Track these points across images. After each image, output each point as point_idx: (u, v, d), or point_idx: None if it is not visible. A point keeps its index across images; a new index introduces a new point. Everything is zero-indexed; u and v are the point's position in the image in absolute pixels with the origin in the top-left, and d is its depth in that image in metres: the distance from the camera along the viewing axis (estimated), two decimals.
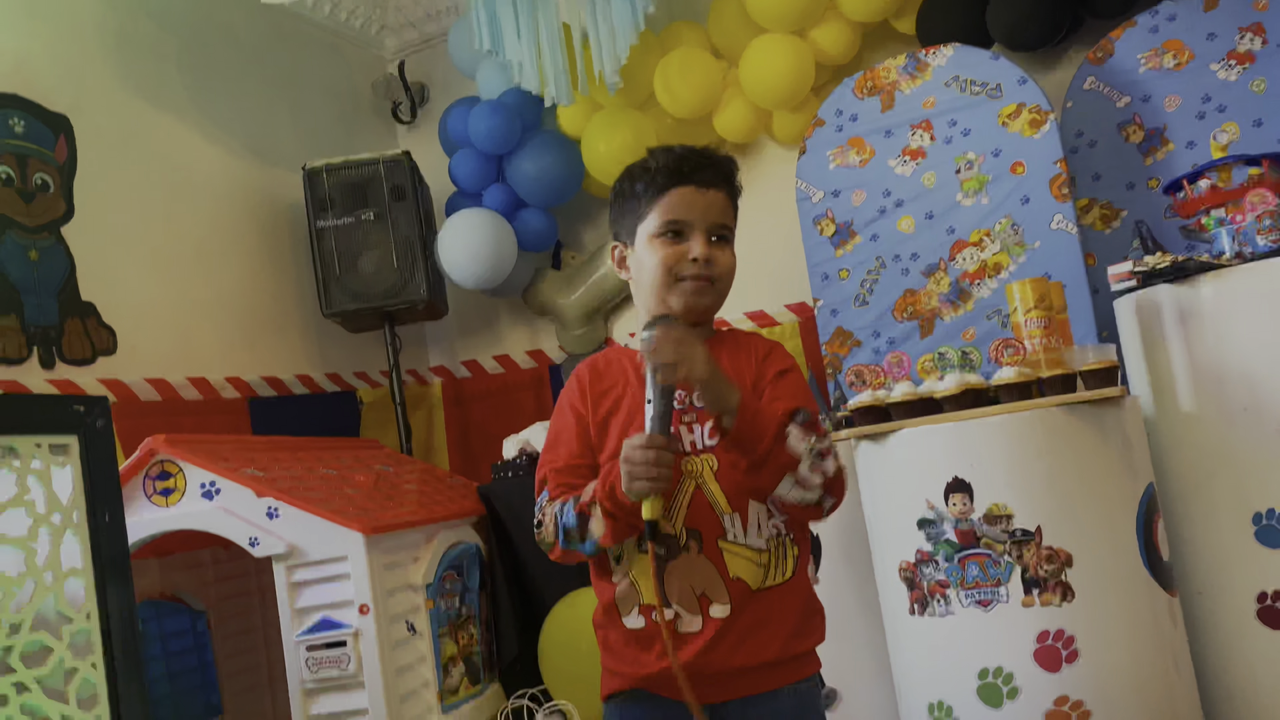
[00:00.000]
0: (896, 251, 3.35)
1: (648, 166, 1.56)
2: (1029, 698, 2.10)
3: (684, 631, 1.46)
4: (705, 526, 1.47)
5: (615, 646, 1.53)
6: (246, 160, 3.81)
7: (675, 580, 1.46)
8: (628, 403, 1.54)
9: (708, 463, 1.48)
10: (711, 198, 1.54)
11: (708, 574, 1.46)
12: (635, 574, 1.49)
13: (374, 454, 3.36)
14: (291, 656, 2.47)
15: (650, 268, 1.53)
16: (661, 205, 1.53)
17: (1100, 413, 2.16)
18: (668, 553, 1.47)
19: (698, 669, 1.44)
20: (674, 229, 1.52)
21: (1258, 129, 3.08)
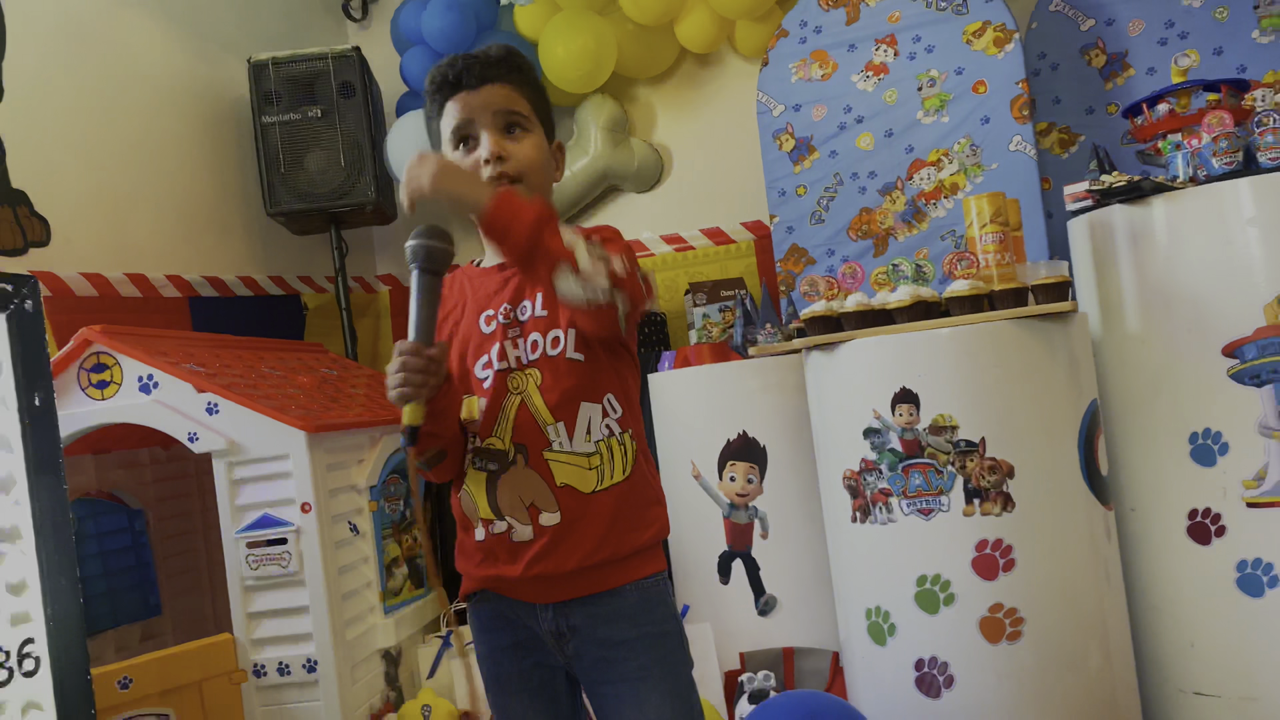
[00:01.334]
0: (855, 169, 3.32)
1: (429, 82, 1.53)
2: (965, 604, 2.14)
3: (517, 541, 1.46)
4: (530, 439, 1.46)
5: (463, 553, 1.55)
6: (190, 50, 3.65)
7: (505, 493, 1.46)
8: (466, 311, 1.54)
9: (532, 377, 1.47)
10: (487, 93, 1.49)
11: (535, 484, 1.45)
12: (470, 488, 1.50)
13: (318, 358, 3.30)
14: (231, 553, 2.43)
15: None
16: (447, 116, 1.50)
17: (1049, 328, 2.17)
18: (498, 467, 1.47)
19: (536, 574, 1.46)
20: (462, 136, 1.49)
21: (1218, 57, 3.08)
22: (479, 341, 1.50)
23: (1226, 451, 2.29)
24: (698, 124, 4.00)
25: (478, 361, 1.50)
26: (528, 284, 1.50)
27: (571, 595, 1.48)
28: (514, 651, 1.53)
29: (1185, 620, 2.37)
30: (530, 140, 1.52)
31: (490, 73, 1.50)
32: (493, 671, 1.55)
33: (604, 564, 1.47)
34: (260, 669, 2.41)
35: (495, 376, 1.48)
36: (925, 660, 2.17)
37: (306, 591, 2.41)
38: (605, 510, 1.46)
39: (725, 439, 2.73)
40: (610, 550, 1.47)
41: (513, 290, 1.50)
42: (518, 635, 1.53)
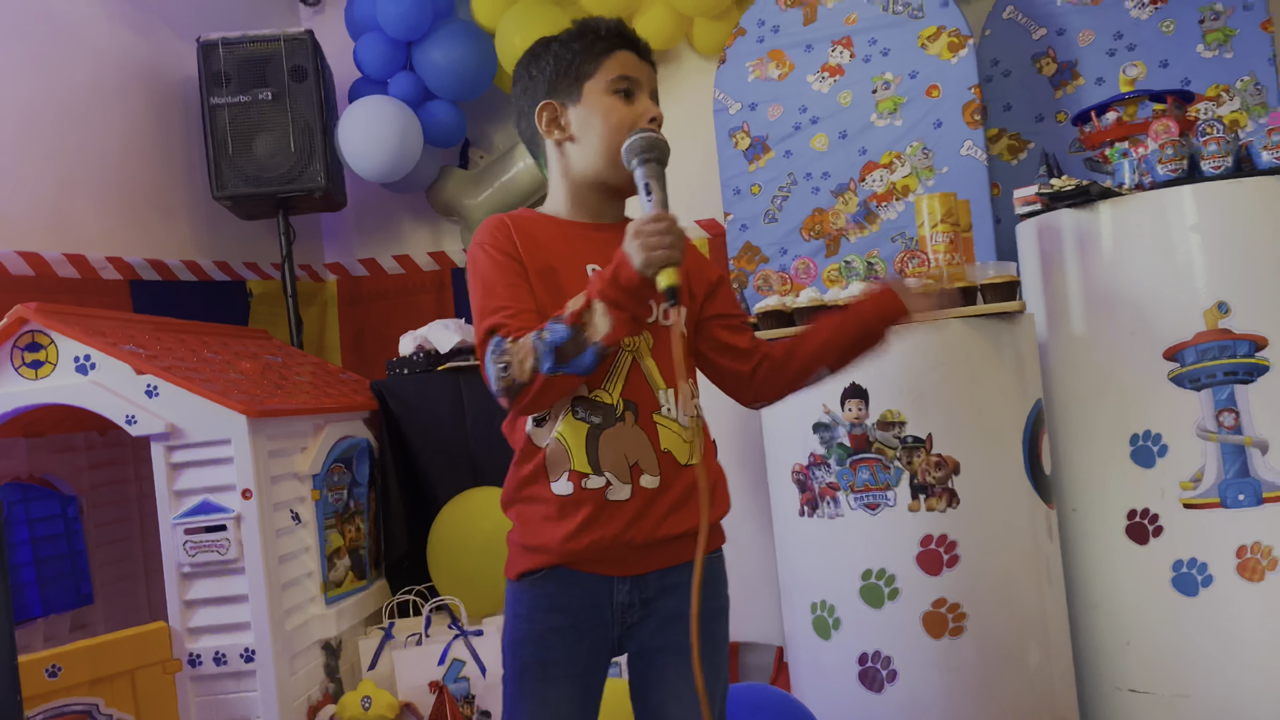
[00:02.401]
0: (808, 169, 3.34)
1: (591, 28, 1.56)
2: (909, 598, 2.16)
3: (612, 499, 1.45)
4: (641, 399, 1.47)
5: (534, 521, 1.49)
6: (136, 27, 3.57)
7: (608, 448, 1.45)
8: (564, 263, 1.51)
9: (644, 339, 1.49)
10: (649, 70, 1.57)
11: (641, 444, 1.46)
12: (566, 436, 1.46)
13: (263, 344, 3.24)
14: (168, 539, 2.37)
15: (605, 123, 1.50)
16: (611, 63, 1.52)
17: (997, 328, 2.20)
18: (602, 421, 1.46)
19: (625, 540, 1.45)
20: (625, 87, 1.52)
21: (1164, 69, 3.14)
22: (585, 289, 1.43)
23: (1165, 453, 2.34)
24: None
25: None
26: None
27: (652, 568, 1.49)
28: (569, 634, 1.50)
29: (1122, 618, 2.41)
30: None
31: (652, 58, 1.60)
32: (538, 656, 1.51)
33: (685, 535, 1.47)
34: (195, 658, 2.35)
35: None
36: (869, 654, 2.19)
37: (245, 579, 2.36)
38: (690, 482, 1.48)
39: None
40: (693, 522, 1.45)
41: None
42: (579, 616, 1.50)
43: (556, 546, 1.47)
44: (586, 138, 1.52)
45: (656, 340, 1.49)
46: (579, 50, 1.54)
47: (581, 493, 1.45)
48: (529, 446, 1.49)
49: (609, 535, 1.45)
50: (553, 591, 1.49)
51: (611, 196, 1.56)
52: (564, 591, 1.49)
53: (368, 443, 2.99)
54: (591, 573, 1.48)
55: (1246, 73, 3.06)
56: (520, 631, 1.52)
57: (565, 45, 1.56)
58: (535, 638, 1.50)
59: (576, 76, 1.53)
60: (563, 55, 1.55)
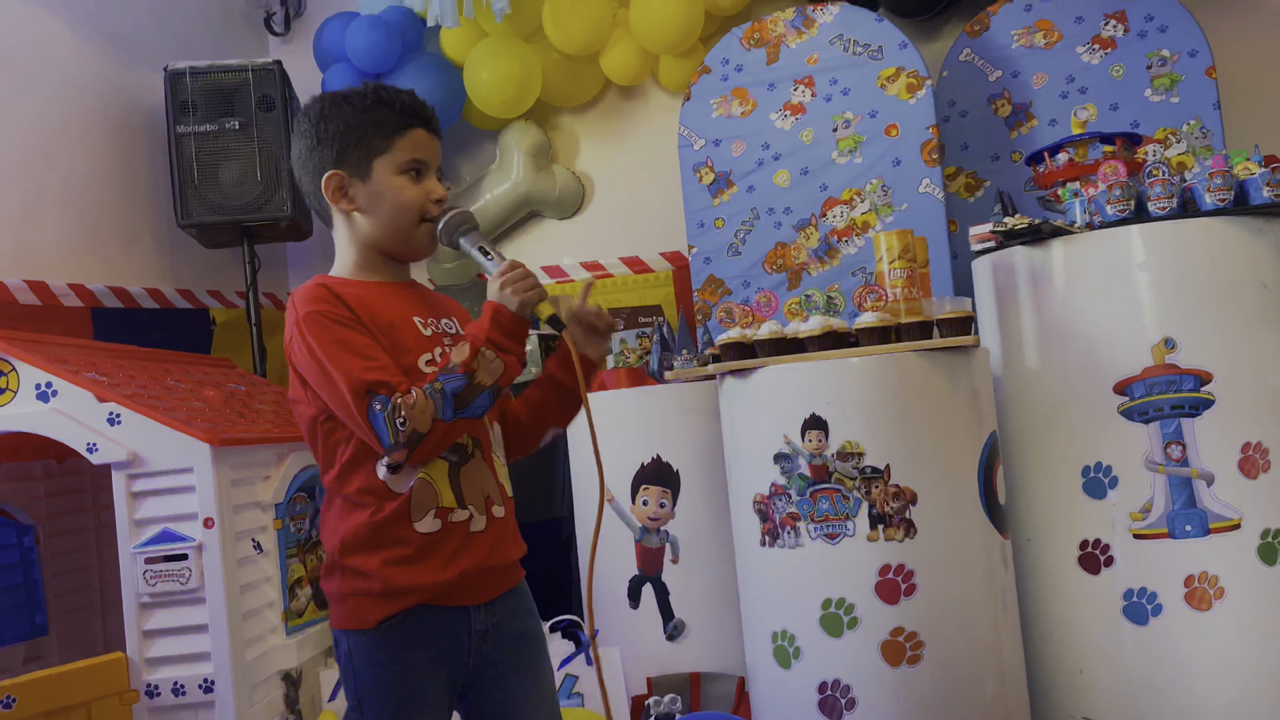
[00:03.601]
0: (771, 204, 3.40)
1: (385, 100, 1.57)
2: (868, 628, 2.19)
3: (473, 531, 1.54)
4: (481, 436, 1.59)
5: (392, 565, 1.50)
6: (103, 54, 3.57)
7: (467, 482, 1.55)
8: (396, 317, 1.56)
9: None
10: (437, 145, 1.62)
11: (488, 478, 1.58)
12: (431, 475, 1.52)
13: (226, 373, 3.23)
14: (128, 569, 2.35)
15: (395, 203, 1.56)
16: (405, 142, 1.56)
17: (952, 361, 2.25)
18: (458, 459, 1.54)
19: (486, 566, 1.55)
20: (415, 167, 1.58)
21: (1114, 112, 3.25)
22: (419, 340, 1.56)
23: (1116, 484, 2.40)
24: (620, 154, 4.05)
25: (421, 358, 1.54)
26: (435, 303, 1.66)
27: (499, 591, 1.59)
28: (434, 666, 1.54)
29: (1075, 647, 2.46)
30: None
31: (440, 131, 1.65)
32: (412, 692, 1.52)
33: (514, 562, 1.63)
34: (154, 689, 2.33)
35: None
36: (828, 683, 2.21)
37: (206, 609, 2.34)
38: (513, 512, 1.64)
39: (639, 463, 2.75)
40: (520, 546, 1.64)
41: (429, 305, 1.64)
42: (442, 648, 1.54)
43: (426, 583, 1.50)
44: (374, 213, 1.57)
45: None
46: (372, 123, 1.55)
47: (449, 527, 1.51)
48: (383, 492, 1.50)
49: (473, 565, 1.53)
50: (418, 629, 1.52)
51: (397, 261, 1.63)
52: (427, 627, 1.52)
53: None
54: (452, 606, 1.53)
55: (1193, 117, 3.17)
56: (385, 677, 1.52)
57: (359, 114, 1.56)
58: (406, 675, 1.52)
59: (367, 151, 1.56)
60: (355, 126, 1.55)
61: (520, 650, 1.61)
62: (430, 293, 1.70)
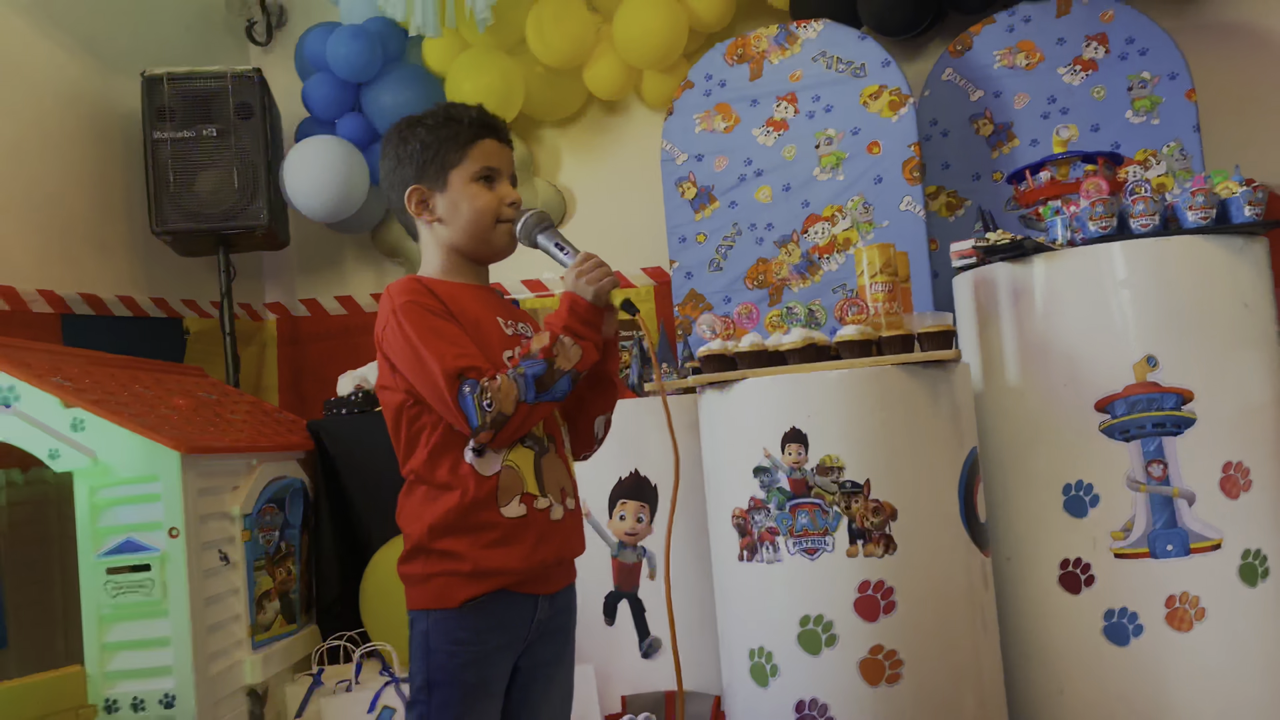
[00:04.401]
0: (753, 220, 3.39)
1: (455, 117, 1.68)
2: (846, 645, 2.15)
3: (554, 519, 1.61)
4: (555, 433, 1.67)
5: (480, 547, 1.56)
6: (78, 59, 3.53)
7: (549, 472, 1.62)
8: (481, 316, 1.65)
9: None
10: (509, 153, 1.71)
11: (563, 471, 1.66)
12: (517, 462, 1.59)
13: (197, 381, 3.17)
14: (89, 579, 2.29)
15: (471, 210, 1.65)
16: (475, 153, 1.66)
17: (933, 375, 2.23)
18: (539, 450, 1.62)
19: (561, 555, 1.64)
20: (488, 174, 1.67)
21: (1095, 133, 3.26)
22: (501, 337, 1.64)
23: (1097, 503, 2.38)
24: (602, 169, 4.03)
25: (504, 353, 1.62)
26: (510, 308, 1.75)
27: (563, 584, 1.67)
28: (503, 653, 1.60)
29: (1055, 667, 2.43)
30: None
31: (510, 139, 1.73)
32: (481, 675, 1.58)
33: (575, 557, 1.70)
34: (113, 704, 2.26)
35: None
36: (806, 702, 2.17)
37: (169, 622, 2.28)
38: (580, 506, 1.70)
39: (617, 477, 2.71)
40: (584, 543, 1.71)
41: (508, 309, 1.73)
42: (511, 635, 1.60)
43: (513, 567, 1.56)
44: (454, 221, 1.66)
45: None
46: (445, 138, 1.66)
47: (533, 513, 1.58)
48: (472, 477, 1.56)
49: (555, 552, 1.61)
50: (497, 612, 1.58)
51: (479, 264, 1.72)
52: (505, 611, 1.59)
53: (302, 483, 2.93)
54: (526, 593, 1.60)
55: (1173, 139, 3.18)
56: (463, 656, 1.56)
57: (432, 132, 1.67)
58: (480, 659, 1.57)
59: (442, 165, 1.66)
60: (430, 143, 1.66)
61: (557, 645, 1.68)
62: (506, 299, 1.82)
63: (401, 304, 1.58)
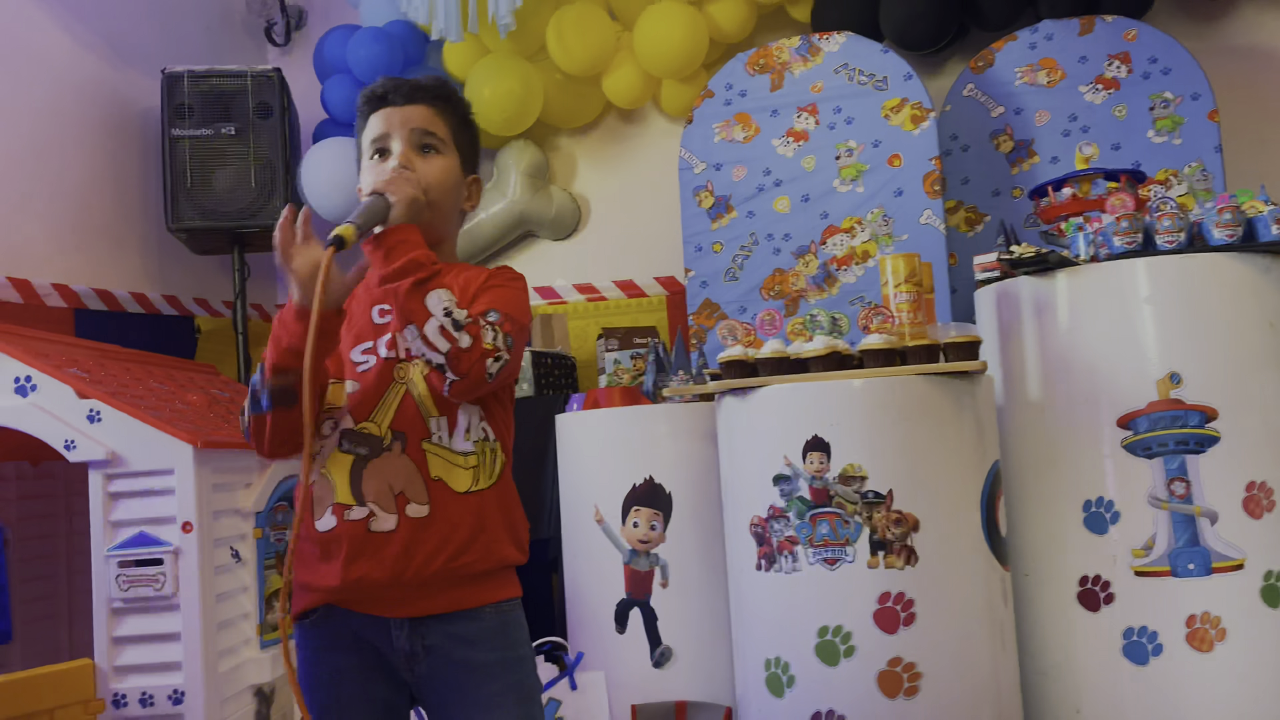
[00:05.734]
0: (770, 230, 3.38)
1: (359, 102, 1.60)
2: (864, 657, 2.13)
3: (375, 531, 1.42)
4: (411, 428, 1.46)
5: (308, 560, 1.46)
6: (100, 55, 3.53)
7: (372, 478, 1.44)
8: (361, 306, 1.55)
9: (418, 368, 1.48)
10: (409, 112, 1.55)
11: (408, 472, 1.44)
12: (330, 471, 1.46)
13: (210, 379, 3.16)
14: (100, 573, 2.27)
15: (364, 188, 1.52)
16: (368, 129, 1.56)
17: (958, 387, 2.22)
18: (369, 452, 1.45)
19: (396, 574, 1.41)
20: (379, 148, 1.55)
21: (1116, 152, 3.25)
22: (364, 329, 1.51)
23: (1118, 520, 2.36)
24: (618, 178, 4.03)
25: (357, 347, 1.50)
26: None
27: (430, 611, 1.44)
28: (360, 673, 1.47)
29: (1073, 686, 2.40)
30: (440, 162, 1.56)
31: (416, 94, 1.56)
32: (334, 695, 1.46)
33: (469, 577, 1.45)
34: (121, 699, 2.23)
35: (380, 364, 1.49)
36: (823, 713, 2.15)
37: (180, 617, 2.26)
38: (474, 512, 1.45)
39: (631, 484, 2.69)
40: (476, 557, 1.44)
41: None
42: (364, 656, 1.46)
43: (326, 584, 1.43)
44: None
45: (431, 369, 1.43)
46: (360, 125, 1.60)
47: (344, 524, 1.42)
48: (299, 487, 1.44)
49: (377, 570, 1.41)
50: (332, 629, 1.46)
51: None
52: (342, 628, 1.46)
53: None
54: (366, 613, 1.44)
55: (1194, 159, 3.17)
56: (314, 673, 1.47)
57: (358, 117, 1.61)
58: (326, 679, 1.47)
59: (359, 155, 1.60)
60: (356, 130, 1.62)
61: (467, 687, 1.45)
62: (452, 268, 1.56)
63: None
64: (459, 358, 1.37)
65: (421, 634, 1.44)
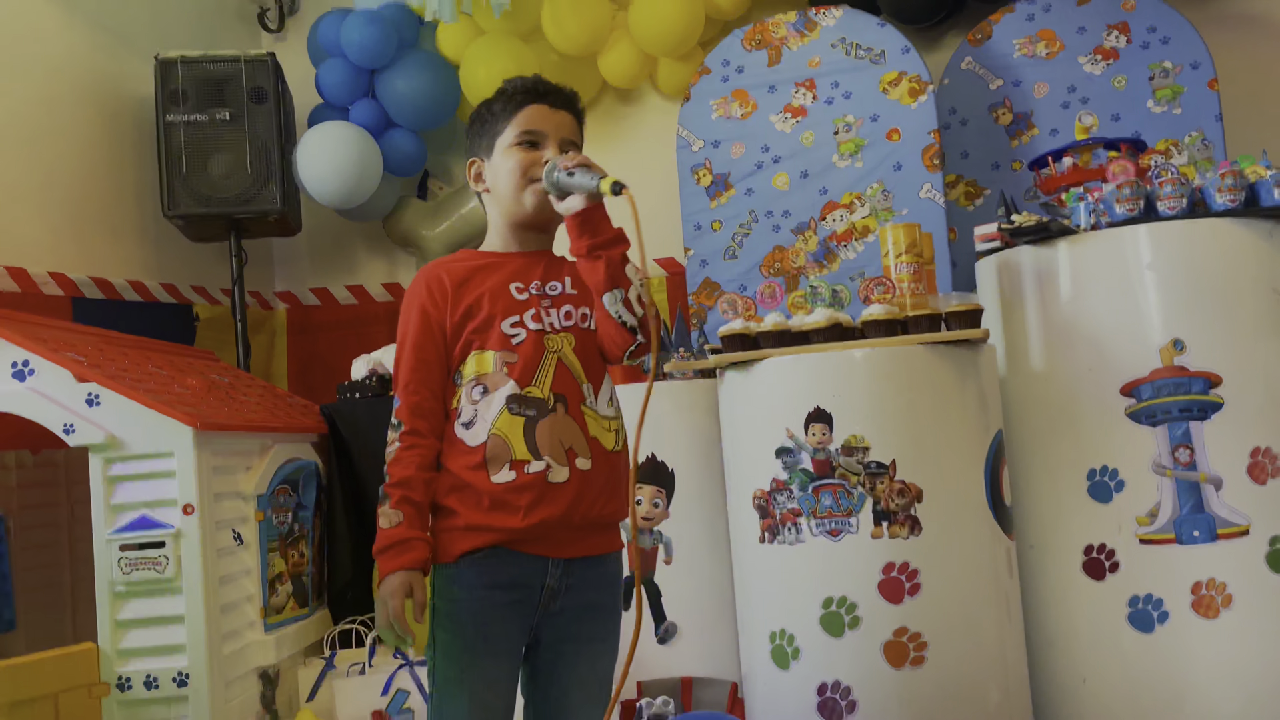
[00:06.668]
0: (769, 208, 3.36)
1: (504, 90, 1.73)
2: (870, 627, 2.12)
3: (552, 481, 1.58)
4: (569, 391, 1.63)
5: (477, 507, 1.59)
6: (93, 41, 3.51)
7: (545, 435, 1.59)
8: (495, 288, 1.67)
9: (566, 340, 1.65)
10: (562, 117, 1.72)
11: (573, 431, 1.61)
12: (504, 431, 1.59)
13: (209, 364, 3.15)
14: (102, 556, 2.27)
15: (506, 171, 1.68)
16: (518, 119, 1.69)
17: (960, 356, 2.21)
18: (536, 413, 1.60)
19: (566, 519, 1.59)
20: (529, 139, 1.68)
21: (1115, 122, 3.23)
22: (509, 305, 1.65)
23: (1122, 488, 2.35)
24: (615, 158, 3.98)
25: (507, 320, 1.64)
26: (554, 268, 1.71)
27: (582, 553, 1.62)
28: (507, 610, 1.60)
29: (1079, 656, 2.40)
30: None
31: (571, 103, 1.75)
32: (479, 629, 1.59)
33: (611, 521, 1.66)
34: (125, 682, 2.23)
35: (531, 335, 1.63)
36: (828, 685, 2.14)
37: (183, 600, 2.26)
38: (617, 468, 1.65)
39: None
40: (617, 505, 1.66)
41: (542, 270, 1.70)
42: (516, 594, 1.60)
43: (504, 526, 1.58)
44: (496, 188, 1.71)
45: (578, 340, 1.66)
46: (496, 110, 1.72)
47: (524, 478, 1.58)
48: (462, 446, 1.62)
49: (554, 514, 1.58)
50: (494, 568, 1.59)
51: (533, 231, 1.72)
52: (504, 569, 1.60)
53: (315, 466, 2.90)
54: (530, 553, 1.60)
55: (1195, 128, 3.15)
56: (460, 606, 1.59)
57: (487, 106, 1.74)
58: (477, 610, 1.59)
59: (492, 135, 1.72)
60: (484, 116, 1.74)
61: (585, 622, 1.65)
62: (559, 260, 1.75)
63: (409, 292, 1.69)
64: (647, 325, 1.62)
65: (569, 572, 1.62)
